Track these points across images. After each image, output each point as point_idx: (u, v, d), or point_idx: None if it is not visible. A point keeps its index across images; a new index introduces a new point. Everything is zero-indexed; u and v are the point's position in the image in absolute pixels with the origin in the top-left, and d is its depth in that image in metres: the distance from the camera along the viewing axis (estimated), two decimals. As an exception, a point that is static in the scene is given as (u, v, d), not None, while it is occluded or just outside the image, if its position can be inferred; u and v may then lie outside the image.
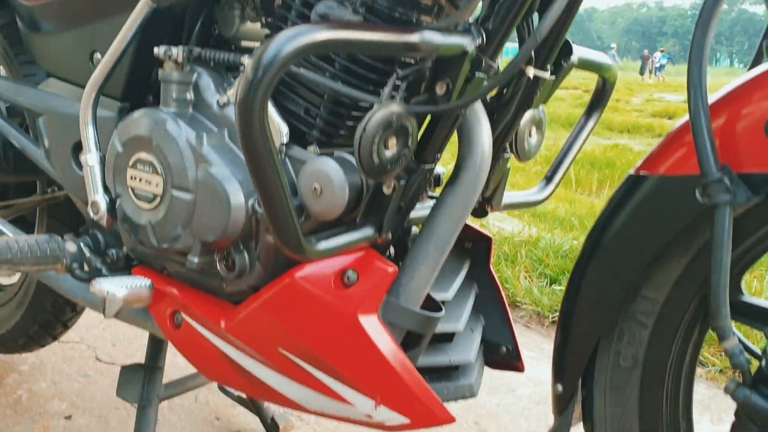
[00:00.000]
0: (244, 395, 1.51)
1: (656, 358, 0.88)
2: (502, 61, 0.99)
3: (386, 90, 0.88)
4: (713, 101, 0.80)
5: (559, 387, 0.94)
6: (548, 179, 1.28)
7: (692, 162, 0.80)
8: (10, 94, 1.26)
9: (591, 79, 1.24)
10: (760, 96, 0.78)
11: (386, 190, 0.93)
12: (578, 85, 15.94)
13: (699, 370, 2.11)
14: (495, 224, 3.44)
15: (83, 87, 1.16)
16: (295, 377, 0.98)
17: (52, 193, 1.38)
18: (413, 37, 0.80)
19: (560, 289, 2.58)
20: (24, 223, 1.56)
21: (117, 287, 1.00)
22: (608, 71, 1.20)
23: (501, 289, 1.19)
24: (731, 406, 1.84)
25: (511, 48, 1.04)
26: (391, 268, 0.94)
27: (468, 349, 1.08)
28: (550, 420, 1.70)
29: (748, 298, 0.84)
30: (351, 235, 0.91)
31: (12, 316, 1.60)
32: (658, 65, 31.02)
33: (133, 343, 1.95)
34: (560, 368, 0.94)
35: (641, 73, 31.04)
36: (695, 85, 0.75)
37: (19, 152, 1.41)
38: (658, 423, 0.90)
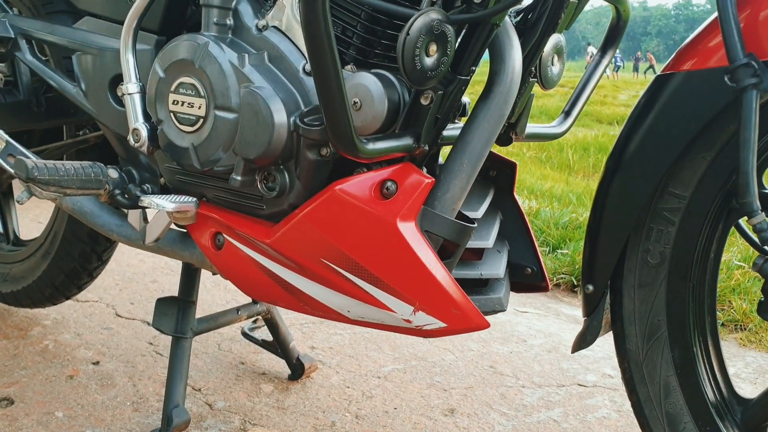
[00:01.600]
0: (269, 338, 1.55)
1: (683, 253, 0.93)
2: None
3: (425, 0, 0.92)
4: None
5: (590, 287, 0.98)
6: (566, 113, 1.33)
7: (717, 56, 0.85)
8: (43, 33, 1.30)
9: (577, 78, 1.30)
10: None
11: (424, 101, 0.97)
12: (565, 83, 16.12)
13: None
14: (495, 200, 3.49)
15: (120, 23, 1.21)
16: (337, 287, 1.02)
17: (83, 136, 1.41)
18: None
19: (563, 253, 2.63)
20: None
21: (165, 201, 1.04)
22: (624, 5, 1.25)
23: (525, 215, 1.24)
24: (731, 353, 1.88)
25: None
26: (428, 179, 0.98)
27: (497, 266, 1.12)
28: (561, 364, 1.76)
29: (771, 191, 0.89)
30: (393, 141, 0.96)
31: (38, 266, 1.63)
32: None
33: (151, 302, 1.98)
34: (590, 268, 0.98)
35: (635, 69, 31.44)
36: (724, -22, 0.80)
37: (50, 97, 1.45)
38: (684, 318, 0.95)
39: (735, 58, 0.79)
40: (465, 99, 1.19)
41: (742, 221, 0.93)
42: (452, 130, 1.10)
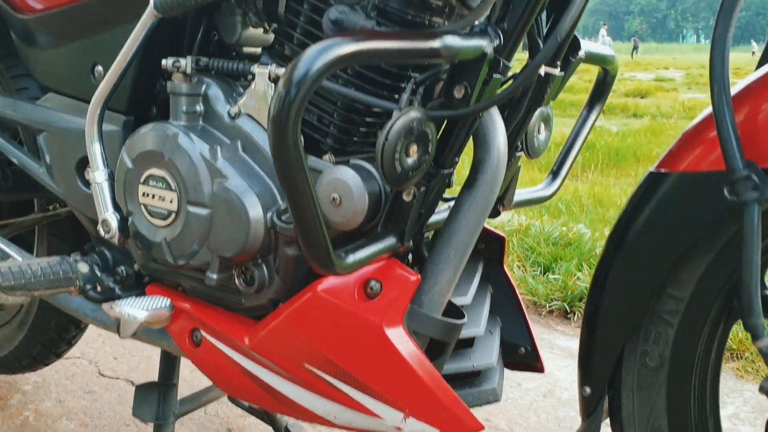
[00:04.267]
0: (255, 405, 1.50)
1: (683, 356, 0.88)
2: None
3: (405, 96, 0.87)
4: (733, 93, 0.80)
5: (587, 389, 0.94)
6: (554, 174, 1.29)
7: (713, 158, 0.80)
8: (6, 111, 1.23)
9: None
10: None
11: (406, 197, 0.92)
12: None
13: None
14: (484, 215, 3.44)
15: (84, 101, 1.14)
16: (321, 392, 0.97)
17: (53, 211, 1.35)
18: (435, 43, 0.79)
19: (554, 277, 2.59)
20: (22, 242, 1.53)
21: (137, 309, 0.98)
22: (611, 63, 1.20)
23: (515, 289, 1.19)
24: (729, 388, 1.84)
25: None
26: (414, 277, 0.93)
27: (489, 353, 1.07)
28: (558, 413, 1.72)
29: (775, 292, 0.85)
30: (375, 246, 0.91)
31: (14, 336, 1.57)
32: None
33: (135, 356, 1.92)
34: (587, 370, 0.94)
35: None
36: (717, 80, 0.75)
37: (17, 170, 1.38)
38: (686, 421, 0.90)
39: (734, 169, 0.74)
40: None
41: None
42: (438, 213, 1.05)
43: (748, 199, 0.73)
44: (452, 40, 0.79)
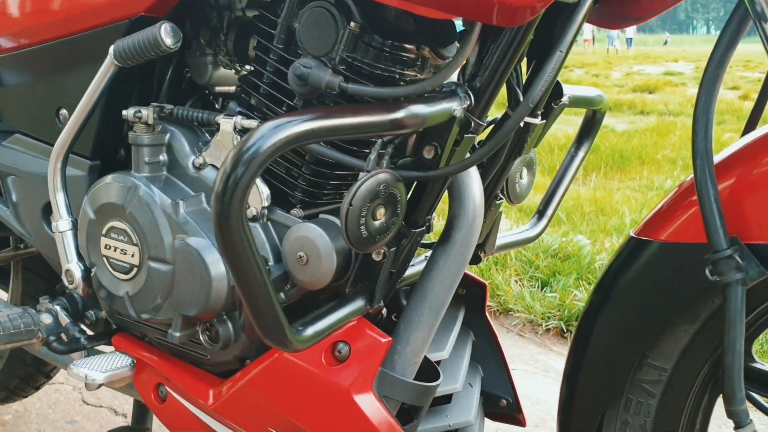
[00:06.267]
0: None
1: (665, 427, 0.84)
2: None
3: (372, 156, 0.82)
4: (717, 162, 0.75)
5: (567, 456, 0.90)
6: (540, 213, 1.24)
7: (694, 229, 0.76)
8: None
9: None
10: (768, 158, 0.73)
11: (376, 257, 0.88)
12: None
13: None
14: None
15: (49, 143, 1.11)
16: (288, 455, 0.93)
17: (25, 250, 1.32)
18: (399, 114, 0.74)
19: (552, 295, 2.54)
20: (2, 273, 1.50)
21: (96, 372, 0.94)
22: (599, 104, 1.15)
23: (497, 337, 1.14)
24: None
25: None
26: (384, 339, 0.89)
27: (467, 409, 1.03)
28: (550, 444, 1.67)
29: (760, 365, 0.80)
30: (341, 311, 0.86)
31: (-10, 369, 1.54)
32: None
33: (120, 380, 1.89)
34: (566, 435, 0.90)
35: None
36: (701, 153, 0.70)
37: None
38: (670, 492, 0.86)
39: (717, 247, 0.69)
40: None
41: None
42: (412, 267, 1.00)
43: (731, 280, 0.69)
44: (417, 108, 0.75)
